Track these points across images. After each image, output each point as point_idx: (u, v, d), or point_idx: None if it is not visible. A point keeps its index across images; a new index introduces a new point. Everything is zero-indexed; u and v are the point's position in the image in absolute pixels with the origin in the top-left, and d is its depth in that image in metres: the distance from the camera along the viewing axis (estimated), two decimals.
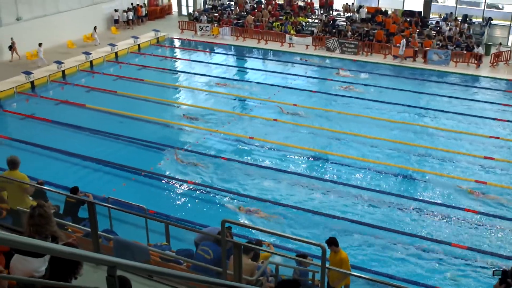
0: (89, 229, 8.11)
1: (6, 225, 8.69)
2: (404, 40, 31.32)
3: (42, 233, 5.81)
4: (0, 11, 29.45)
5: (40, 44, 28.96)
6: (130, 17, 38.87)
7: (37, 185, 11.07)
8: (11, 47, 29.24)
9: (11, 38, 28.92)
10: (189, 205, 16.15)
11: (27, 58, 29.49)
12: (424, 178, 18.00)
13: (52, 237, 5.95)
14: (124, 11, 38.65)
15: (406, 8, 38.09)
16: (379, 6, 38.79)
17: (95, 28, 34.31)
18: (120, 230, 11.94)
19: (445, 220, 15.57)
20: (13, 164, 9.71)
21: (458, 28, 33.48)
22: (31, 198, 10.10)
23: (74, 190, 12.72)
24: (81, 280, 5.15)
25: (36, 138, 20.10)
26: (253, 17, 37.13)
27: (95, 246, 7.49)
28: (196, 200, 16.40)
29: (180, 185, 17.24)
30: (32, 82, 26.28)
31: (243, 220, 14.98)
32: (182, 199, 16.49)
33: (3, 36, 29.15)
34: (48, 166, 18.08)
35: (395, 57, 31.23)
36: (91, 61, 30.03)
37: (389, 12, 37.34)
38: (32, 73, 26.65)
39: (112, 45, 32.19)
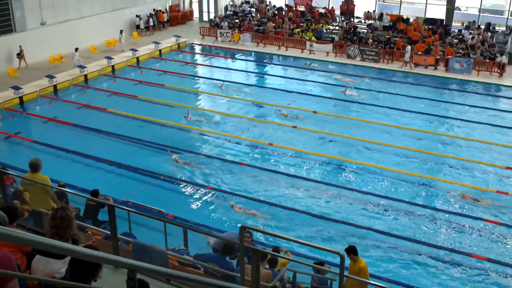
0: (109, 232, 8.17)
1: (28, 226, 8.79)
2: (409, 46, 31.37)
3: (62, 236, 5.88)
4: (25, 16, 29.88)
5: (76, 49, 29.50)
6: (151, 23, 39.10)
7: (59, 187, 11.22)
8: (19, 55, 28.90)
9: (20, 46, 28.74)
10: (207, 210, 16.19)
11: (50, 63, 29.86)
12: (443, 187, 17.81)
13: (72, 240, 6.01)
14: (139, 17, 38.74)
15: (428, 16, 37.91)
16: (401, 14, 38.65)
17: (121, 31, 34.76)
18: (138, 234, 12.02)
19: (464, 230, 15.41)
20: (35, 166, 9.84)
21: (480, 37, 33.22)
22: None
23: (95, 193, 12.84)
24: (100, 282, 5.20)
25: (58, 141, 20.34)
26: (273, 24, 37.22)
27: (115, 249, 7.55)
28: (215, 205, 16.43)
29: (199, 190, 17.29)
30: (55, 86, 26.63)
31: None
32: (201, 204, 16.52)
33: (27, 40, 29.57)
34: (69, 169, 18.31)
35: (416, 65, 31.07)
36: (113, 66, 30.35)
37: (411, 20, 37.16)
38: (55, 77, 27.00)
39: (134, 50, 32.52)
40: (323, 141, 21.29)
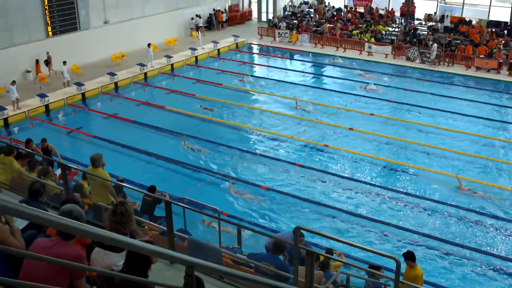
0: (165, 228, 8.32)
1: (87, 219, 9.01)
2: (436, 44, 30.93)
3: (121, 231, 6.01)
4: (89, 14, 30.77)
5: (149, 45, 30.17)
6: (200, 24, 39.26)
7: (117, 182, 11.51)
8: (47, 62, 27.91)
9: (47, 53, 27.96)
10: (262, 210, 16.22)
11: (112, 60, 30.64)
12: (501, 195, 17.25)
13: (131, 236, 6.13)
14: (192, 18, 38.93)
15: (492, 18, 36.79)
16: (463, 16, 37.66)
17: (198, 29, 35.40)
18: (193, 230, 12.20)
19: None
20: (94, 161, 10.11)
21: None
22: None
23: (152, 189, 13.11)
24: (156, 277, 5.33)
25: (117, 137, 20.83)
26: (330, 25, 36.99)
27: (170, 245, 7.66)
28: (269, 205, 16.44)
29: (254, 190, 17.34)
30: (116, 83, 27.34)
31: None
32: (255, 204, 16.58)
33: (91, 38, 30.45)
34: (127, 165, 18.70)
35: (478, 68, 30.24)
36: (172, 64, 30.91)
37: (473, 22, 36.18)
38: (116, 74, 27.70)
39: (193, 49, 32.98)
40: (379, 144, 21.02)
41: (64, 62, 26.43)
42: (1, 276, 3.27)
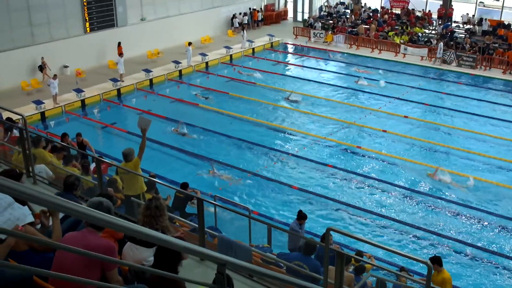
0: (196, 225, 8.36)
1: (120, 214, 9.12)
2: (442, 43, 31.01)
3: (153, 226, 6.06)
4: (127, 11, 31.10)
5: (189, 44, 30.36)
6: (246, 21, 39.48)
7: (150, 178, 11.60)
8: (41, 68, 26.59)
9: (42, 58, 26.57)
10: (292, 209, 16.16)
11: (148, 57, 30.94)
12: None
13: (162, 232, 6.18)
14: (234, 16, 39.25)
15: None
16: (502, 19, 36.90)
17: (243, 26, 35.52)
18: (223, 228, 12.22)
19: None
20: (125, 156, 10.21)
21: None
22: None
23: (184, 185, 13.17)
24: (185, 273, 5.36)
25: (150, 133, 20.84)
26: (366, 26, 36.67)
27: (201, 242, 7.70)
28: (301, 205, 16.37)
29: (285, 189, 17.32)
30: (151, 80, 27.61)
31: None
32: (286, 203, 16.55)
33: (128, 35, 30.73)
34: (159, 161, 18.83)
35: None
36: (206, 62, 31.07)
37: None
38: (151, 71, 27.96)
39: (228, 47, 33.07)
40: (412, 146, 20.77)
41: (121, 54, 26.89)
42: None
